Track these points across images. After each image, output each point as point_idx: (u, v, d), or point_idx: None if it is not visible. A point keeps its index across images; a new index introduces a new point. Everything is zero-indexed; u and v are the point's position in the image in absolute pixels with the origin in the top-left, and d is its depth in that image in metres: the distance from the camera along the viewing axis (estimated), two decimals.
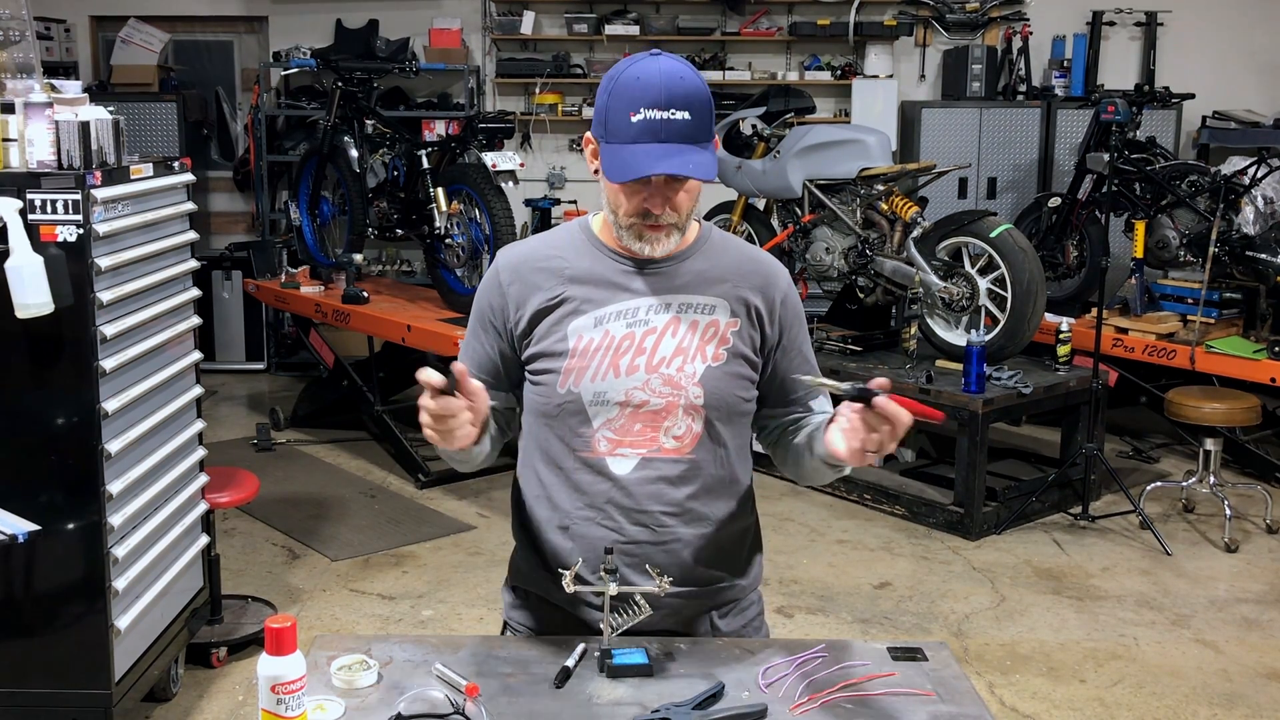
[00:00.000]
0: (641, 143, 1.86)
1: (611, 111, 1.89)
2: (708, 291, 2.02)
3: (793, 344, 2.09)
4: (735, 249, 2.09)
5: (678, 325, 2.00)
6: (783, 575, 4.85)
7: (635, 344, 1.99)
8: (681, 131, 1.86)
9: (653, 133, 1.86)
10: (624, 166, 1.87)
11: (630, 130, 1.86)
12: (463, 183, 5.76)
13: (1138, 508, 5.32)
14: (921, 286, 5.65)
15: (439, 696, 1.80)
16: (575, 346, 1.99)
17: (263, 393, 7.71)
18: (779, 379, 2.09)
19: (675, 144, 1.86)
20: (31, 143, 3.03)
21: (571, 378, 1.99)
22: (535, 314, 2.01)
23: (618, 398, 1.98)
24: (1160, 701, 3.87)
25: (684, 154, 1.86)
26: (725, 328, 2.02)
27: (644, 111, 1.85)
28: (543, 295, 2.01)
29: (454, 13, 8.38)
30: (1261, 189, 6.00)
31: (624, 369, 1.98)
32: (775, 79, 8.24)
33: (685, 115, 1.86)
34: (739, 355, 2.03)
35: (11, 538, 3.12)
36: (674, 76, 1.87)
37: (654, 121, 1.85)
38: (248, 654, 4.05)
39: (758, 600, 2.19)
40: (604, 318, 1.99)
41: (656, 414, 1.99)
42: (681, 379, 1.99)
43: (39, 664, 3.19)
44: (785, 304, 2.07)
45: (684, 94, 1.86)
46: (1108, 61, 8.27)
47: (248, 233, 8.71)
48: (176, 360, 3.60)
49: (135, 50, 8.13)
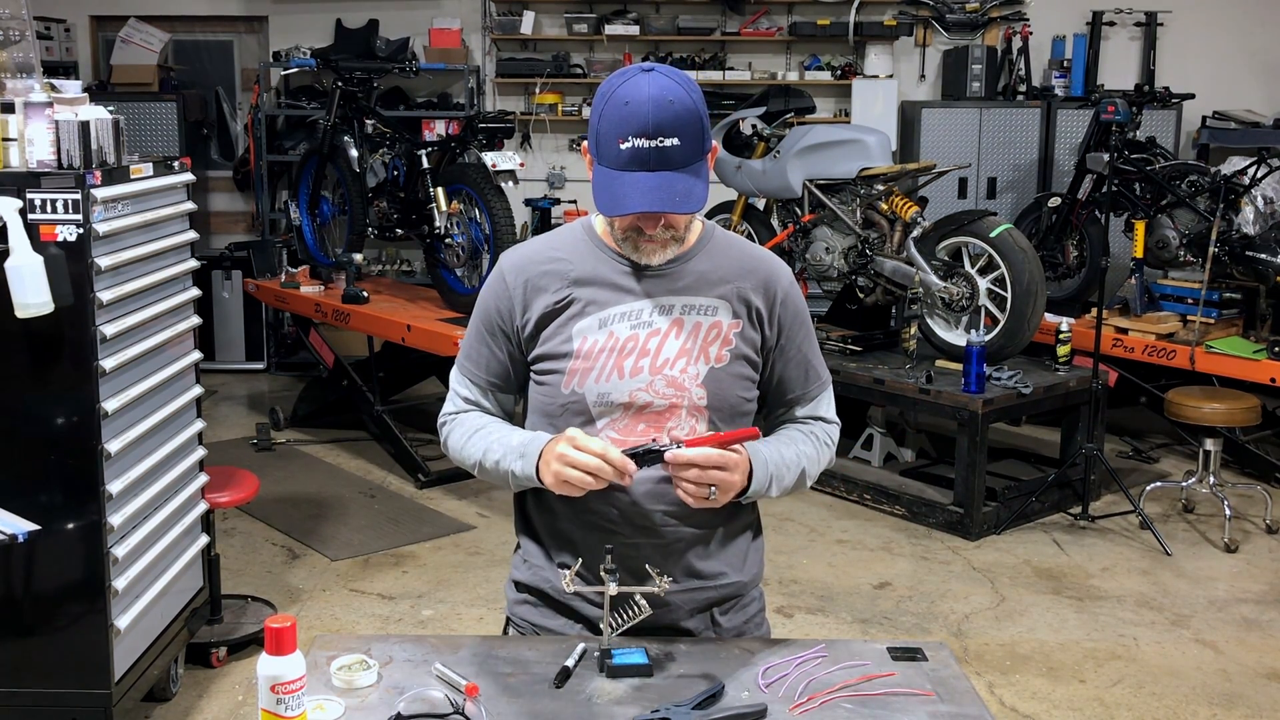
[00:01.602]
0: (630, 171, 1.86)
1: (602, 135, 1.89)
2: (710, 293, 2.03)
3: (791, 344, 2.09)
4: (738, 248, 2.10)
5: (681, 327, 2.01)
6: (783, 575, 4.85)
7: (639, 346, 1.99)
8: (670, 159, 1.86)
9: (640, 161, 1.86)
10: (612, 199, 1.88)
11: (619, 158, 1.87)
12: (463, 183, 5.76)
13: (1138, 508, 5.32)
14: (921, 286, 5.65)
15: (439, 696, 1.80)
16: (580, 348, 1.99)
17: (263, 393, 7.71)
18: (775, 379, 2.10)
19: (664, 172, 1.86)
20: (31, 142, 3.03)
21: (576, 379, 1.99)
22: (542, 316, 2.02)
23: (622, 399, 1.98)
24: (1160, 701, 3.87)
25: (671, 185, 1.86)
26: (728, 329, 2.03)
27: (632, 140, 1.85)
28: (548, 297, 2.02)
29: (454, 13, 8.38)
30: (1261, 189, 6.00)
31: (628, 370, 1.99)
32: (775, 79, 8.24)
33: (674, 141, 1.85)
34: (741, 356, 2.04)
35: (11, 538, 3.12)
36: (663, 102, 1.85)
37: (642, 150, 1.85)
38: (248, 654, 4.05)
39: (759, 597, 2.20)
40: (608, 319, 2.00)
41: (660, 415, 1.99)
42: (685, 380, 2.00)
43: (39, 664, 3.19)
44: (785, 303, 2.07)
45: (672, 119, 1.85)
46: (1108, 61, 8.26)
47: (248, 232, 8.71)
48: (176, 360, 3.60)
49: (135, 50, 8.12)
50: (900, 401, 5.67)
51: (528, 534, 2.15)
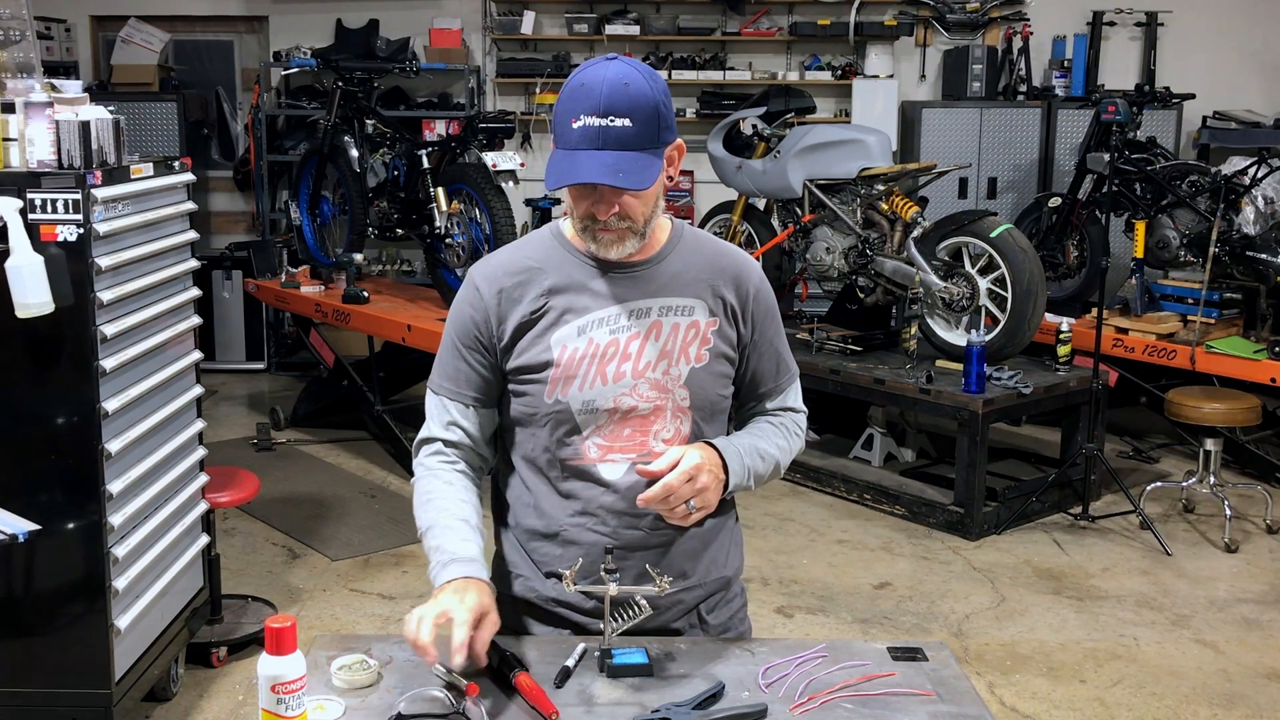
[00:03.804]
0: (582, 149, 1.86)
1: (559, 116, 1.90)
2: (685, 293, 2.03)
3: (764, 338, 2.11)
4: (709, 246, 2.10)
5: (659, 329, 2.01)
6: (783, 575, 4.85)
7: (620, 350, 1.99)
8: (622, 139, 1.85)
9: (590, 139, 1.85)
10: (559, 172, 1.88)
11: (572, 136, 1.87)
12: (463, 182, 5.76)
13: (1138, 508, 5.32)
14: (921, 286, 5.65)
15: (439, 696, 1.80)
16: (560, 357, 1.98)
17: (263, 392, 7.71)
18: (749, 373, 2.12)
19: (615, 151, 1.85)
20: (32, 142, 3.03)
21: (559, 388, 1.98)
22: (518, 327, 2.00)
23: (606, 405, 1.98)
24: (1160, 702, 3.87)
25: (618, 163, 1.85)
26: (705, 327, 2.04)
27: (584, 118, 1.85)
28: (524, 307, 2.00)
29: (454, 12, 8.38)
30: (1262, 189, 5.99)
31: (610, 376, 1.98)
32: (775, 79, 8.24)
33: (626, 122, 1.85)
34: (720, 355, 2.05)
35: (11, 537, 3.12)
36: (618, 84, 1.85)
37: (591, 128, 1.85)
38: (248, 654, 4.05)
39: (740, 592, 2.21)
40: (586, 326, 1.99)
41: (645, 418, 1.99)
42: (668, 382, 2.00)
43: (39, 664, 3.19)
44: (757, 299, 2.09)
45: (626, 101, 1.85)
46: (1108, 61, 8.26)
47: (248, 232, 8.71)
48: (176, 360, 3.60)
49: (135, 50, 8.13)
50: (900, 401, 5.67)
51: (509, 541, 2.13)
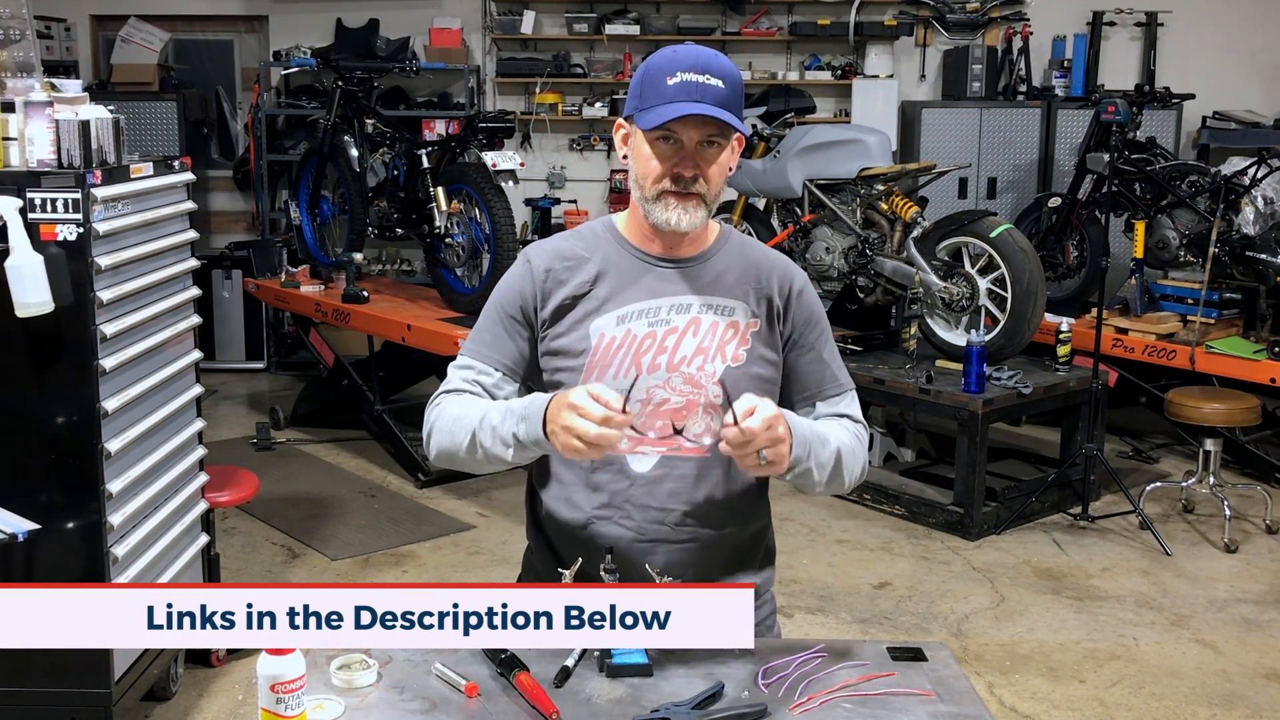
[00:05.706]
0: (679, 101, 1.91)
1: (647, 82, 1.95)
2: (728, 293, 2.05)
3: (804, 340, 2.10)
4: (754, 250, 2.13)
5: (698, 325, 2.02)
6: (783, 575, 4.85)
7: (656, 343, 2.01)
8: (717, 97, 1.92)
9: (688, 93, 1.91)
10: (659, 115, 1.91)
11: (667, 91, 1.92)
12: (463, 182, 5.76)
13: (1138, 508, 5.32)
14: (921, 286, 5.65)
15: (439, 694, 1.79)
16: (598, 344, 2.01)
17: (263, 392, 7.71)
18: (791, 373, 2.11)
19: (710, 105, 1.91)
20: (32, 142, 3.03)
21: (594, 375, 2.00)
22: (560, 307, 2.03)
23: (639, 395, 1.99)
24: (1160, 702, 3.87)
25: (719, 112, 1.91)
26: (745, 328, 2.05)
27: (680, 75, 1.92)
28: (567, 290, 2.03)
29: (454, 12, 8.38)
30: (1261, 189, 5.99)
31: (645, 367, 2.00)
32: (775, 79, 8.24)
33: (720, 84, 1.92)
34: (759, 357, 2.05)
35: (11, 537, 3.11)
36: (709, 53, 1.96)
37: (690, 84, 1.91)
38: (248, 653, 4.04)
39: (770, 600, 2.21)
40: (626, 316, 2.01)
41: (676, 412, 2.00)
42: (701, 378, 2.01)
43: (39, 663, 3.18)
44: (800, 300, 2.09)
45: (720, 66, 1.94)
46: (1108, 62, 8.26)
47: (248, 232, 8.71)
48: (176, 359, 3.60)
49: (135, 49, 8.13)
50: (900, 401, 5.67)
51: (540, 535, 2.15)
